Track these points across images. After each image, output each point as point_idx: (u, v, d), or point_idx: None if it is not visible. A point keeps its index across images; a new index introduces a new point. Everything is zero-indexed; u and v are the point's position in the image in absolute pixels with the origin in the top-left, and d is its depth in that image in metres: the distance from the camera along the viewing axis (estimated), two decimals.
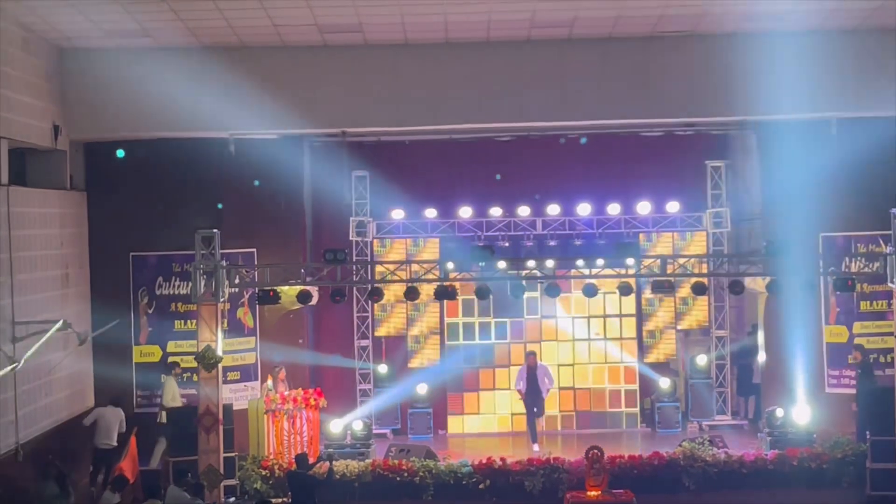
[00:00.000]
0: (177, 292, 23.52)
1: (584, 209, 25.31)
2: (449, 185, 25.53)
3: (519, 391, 24.53)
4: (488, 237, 25.19)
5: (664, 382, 25.36)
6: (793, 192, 23.42)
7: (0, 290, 19.08)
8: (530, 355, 24.59)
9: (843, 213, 23.27)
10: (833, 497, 21.43)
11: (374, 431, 24.07)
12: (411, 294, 21.69)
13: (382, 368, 25.58)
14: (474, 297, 22.60)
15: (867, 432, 21.15)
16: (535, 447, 23.74)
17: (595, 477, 20.61)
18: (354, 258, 24.96)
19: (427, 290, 22.28)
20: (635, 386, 25.84)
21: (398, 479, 21.54)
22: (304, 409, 22.66)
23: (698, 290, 21.97)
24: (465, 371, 25.84)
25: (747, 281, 22.20)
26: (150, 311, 23.62)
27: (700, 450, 21.81)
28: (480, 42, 22.69)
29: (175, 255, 23.22)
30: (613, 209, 25.32)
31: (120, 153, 23.32)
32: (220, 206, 23.16)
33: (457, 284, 22.06)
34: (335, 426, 23.01)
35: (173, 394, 22.40)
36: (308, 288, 21.65)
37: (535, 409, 24.36)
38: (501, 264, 22.72)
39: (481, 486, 21.51)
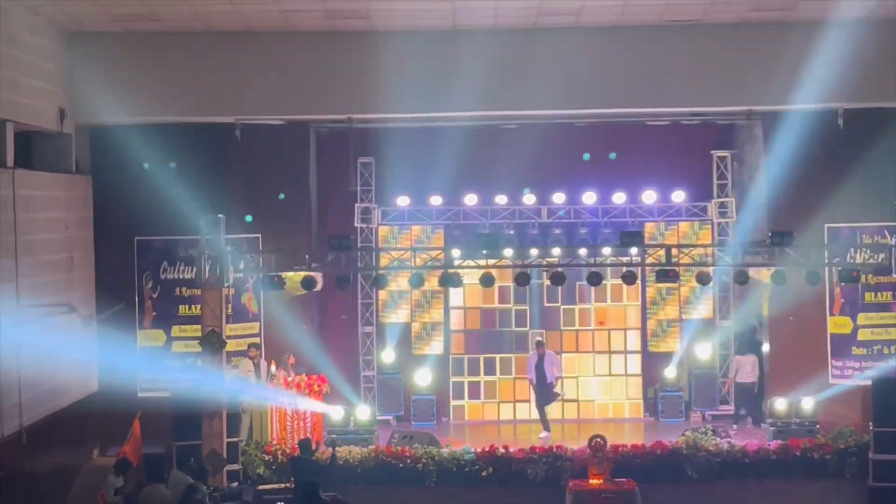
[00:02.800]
0: (181, 277, 23.55)
1: (589, 198, 25.27)
2: (454, 173, 25.48)
3: (530, 380, 24.54)
4: (493, 225, 25.18)
5: (670, 372, 25.38)
6: (799, 183, 23.43)
7: (5, 273, 19.10)
8: (539, 343, 24.60)
9: (848, 203, 23.24)
10: (835, 488, 21.47)
11: (378, 418, 24.10)
12: (416, 282, 21.68)
13: (387, 355, 25.62)
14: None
15: (870, 423, 21.21)
16: (544, 434, 23.76)
17: (598, 465, 20.64)
18: (359, 245, 24.94)
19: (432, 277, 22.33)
20: (639, 375, 25.86)
21: (401, 465, 21.57)
22: (308, 395, 22.69)
23: (703, 279, 21.95)
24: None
25: (752, 271, 22.19)
26: (155, 296, 23.65)
27: (703, 439, 21.82)
28: (487, 29, 22.66)
29: (180, 239, 23.22)
30: (619, 198, 25.31)
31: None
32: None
33: (461, 272, 22.05)
34: (337, 412, 23.03)
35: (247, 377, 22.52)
36: (313, 274, 21.65)
37: (545, 400, 24.37)
38: (507, 252, 22.67)
39: (484, 474, 21.53)
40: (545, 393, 24.38)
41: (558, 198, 25.25)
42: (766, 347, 24.89)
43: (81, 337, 22.09)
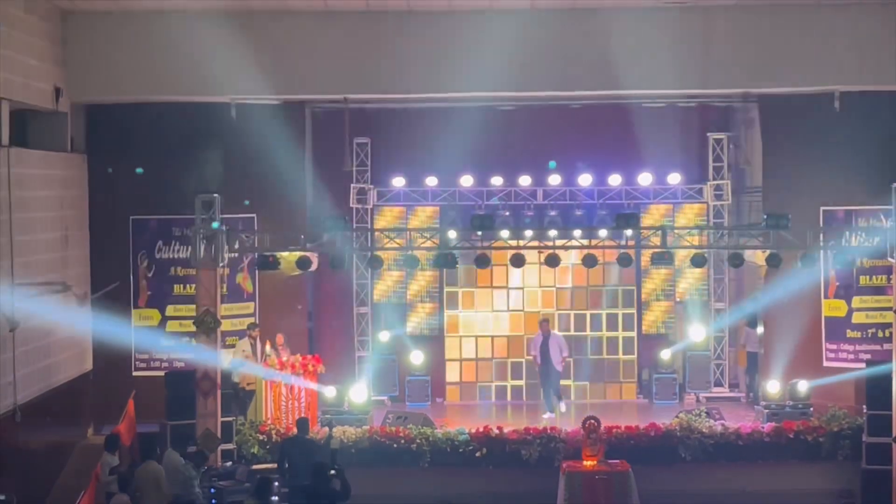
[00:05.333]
0: (176, 256, 23.55)
1: (585, 179, 25.28)
2: (450, 154, 25.44)
3: (534, 357, 24.47)
4: (489, 206, 25.16)
5: (665, 354, 25.42)
6: (794, 166, 23.46)
7: (0, 250, 19.08)
8: (543, 323, 24.57)
9: (844, 186, 23.26)
10: (829, 470, 21.53)
11: (372, 398, 24.11)
12: (411, 262, 21.67)
13: (381, 336, 25.63)
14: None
15: (864, 406, 21.25)
16: (547, 415, 23.77)
17: (591, 447, 20.65)
18: (354, 225, 24.94)
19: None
20: (633, 357, 25.88)
21: (395, 445, 21.60)
22: (302, 375, 22.71)
23: (698, 262, 21.94)
24: None
25: (747, 254, 22.21)
26: (150, 275, 23.64)
27: (697, 421, 21.85)
28: (484, 10, 22.61)
29: (175, 219, 23.21)
30: (614, 180, 25.29)
31: (139, 170, 23.33)
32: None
33: (456, 253, 22.04)
34: (332, 392, 23.05)
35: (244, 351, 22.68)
36: (308, 254, 21.63)
37: (550, 384, 24.32)
38: (504, 233, 22.64)
39: (478, 454, 21.57)
40: (552, 379, 24.30)
41: (554, 179, 25.25)
42: (760, 329, 24.95)
43: (76, 315, 22.07)
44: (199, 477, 18.46)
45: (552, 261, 21.90)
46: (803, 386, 22.71)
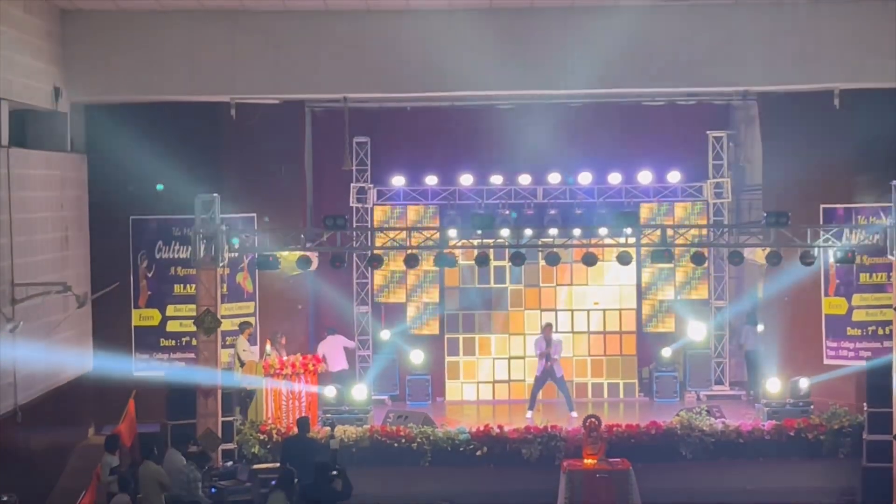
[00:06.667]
0: (176, 256, 23.54)
1: (585, 178, 25.27)
2: (450, 153, 25.49)
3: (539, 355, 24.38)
4: (489, 205, 25.15)
5: (666, 352, 25.42)
6: (794, 163, 23.44)
7: (0, 251, 19.07)
8: (547, 327, 24.51)
9: (843, 184, 23.27)
10: (829, 468, 21.53)
11: (373, 398, 24.11)
12: (411, 262, 21.67)
13: (383, 335, 25.63)
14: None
15: (864, 404, 21.24)
16: (528, 414, 23.75)
17: (592, 445, 20.67)
18: (354, 224, 24.95)
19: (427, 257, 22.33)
20: (634, 355, 25.88)
21: (396, 445, 21.60)
22: (303, 375, 22.71)
23: (698, 260, 21.95)
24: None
25: (747, 252, 22.21)
26: (150, 275, 23.63)
27: (697, 420, 21.85)
28: (483, 9, 22.59)
29: (175, 218, 23.20)
30: (614, 178, 25.27)
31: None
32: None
33: (457, 252, 22.04)
34: (332, 392, 23.05)
35: (245, 350, 22.76)
36: (308, 254, 21.63)
37: (539, 388, 24.30)
38: (504, 232, 22.62)
39: (479, 453, 21.57)
40: (560, 383, 24.25)
41: (554, 178, 25.24)
42: (760, 328, 24.94)
43: (76, 316, 22.06)
44: (201, 478, 18.46)
45: (552, 259, 21.92)
46: (804, 384, 22.71)
